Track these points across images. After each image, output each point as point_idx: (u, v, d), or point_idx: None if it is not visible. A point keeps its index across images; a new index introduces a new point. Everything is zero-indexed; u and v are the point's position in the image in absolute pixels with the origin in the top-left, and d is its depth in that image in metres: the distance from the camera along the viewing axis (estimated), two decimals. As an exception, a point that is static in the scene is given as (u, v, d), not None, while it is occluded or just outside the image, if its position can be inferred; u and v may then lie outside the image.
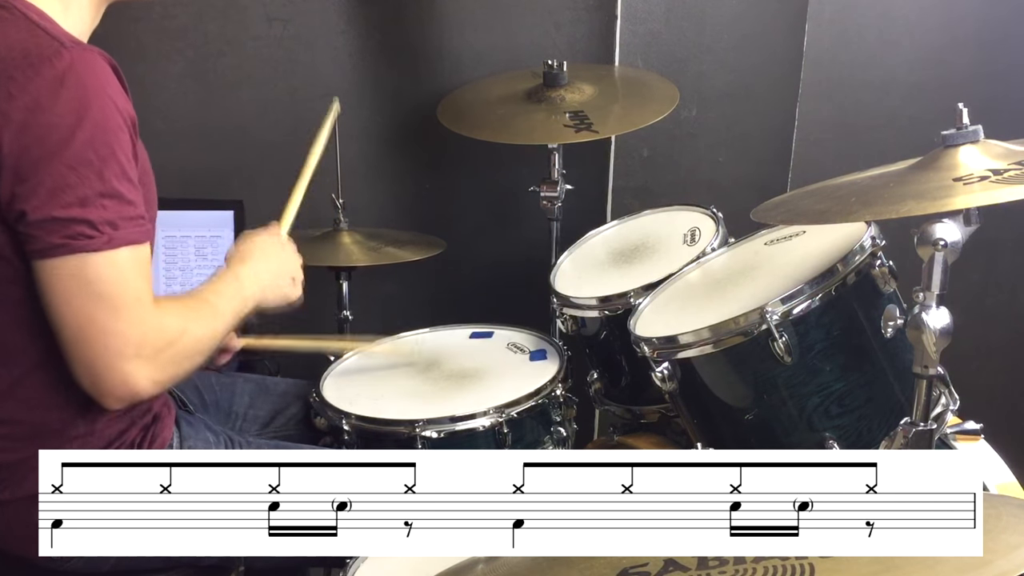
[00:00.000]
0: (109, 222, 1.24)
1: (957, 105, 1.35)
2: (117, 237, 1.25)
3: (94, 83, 1.25)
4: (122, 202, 1.26)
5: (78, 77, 1.23)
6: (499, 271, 2.53)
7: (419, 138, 2.46)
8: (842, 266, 1.52)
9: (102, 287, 1.25)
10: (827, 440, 1.53)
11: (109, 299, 1.25)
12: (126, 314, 1.26)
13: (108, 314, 1.25)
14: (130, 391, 1.29)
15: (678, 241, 1.94)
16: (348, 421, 1.71)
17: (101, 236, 1.24)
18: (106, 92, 1.26)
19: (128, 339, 1.26)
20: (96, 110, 1.24)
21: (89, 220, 1.23)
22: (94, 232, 1.23)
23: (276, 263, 1.60)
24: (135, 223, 1.28)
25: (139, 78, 2.33)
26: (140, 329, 1.28)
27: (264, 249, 1.60)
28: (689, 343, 1.57)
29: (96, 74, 1.26)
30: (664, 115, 2.11)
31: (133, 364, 1.27)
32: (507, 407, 1.71)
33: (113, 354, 1.26)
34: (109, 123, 1.25)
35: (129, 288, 1.27)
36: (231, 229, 2.30)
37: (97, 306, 1.25)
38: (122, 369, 1.27)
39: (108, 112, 1.25)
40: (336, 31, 2.36)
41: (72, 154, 1.22)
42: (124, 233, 1.26)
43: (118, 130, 1.26)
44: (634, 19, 2.37)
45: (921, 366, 1.34)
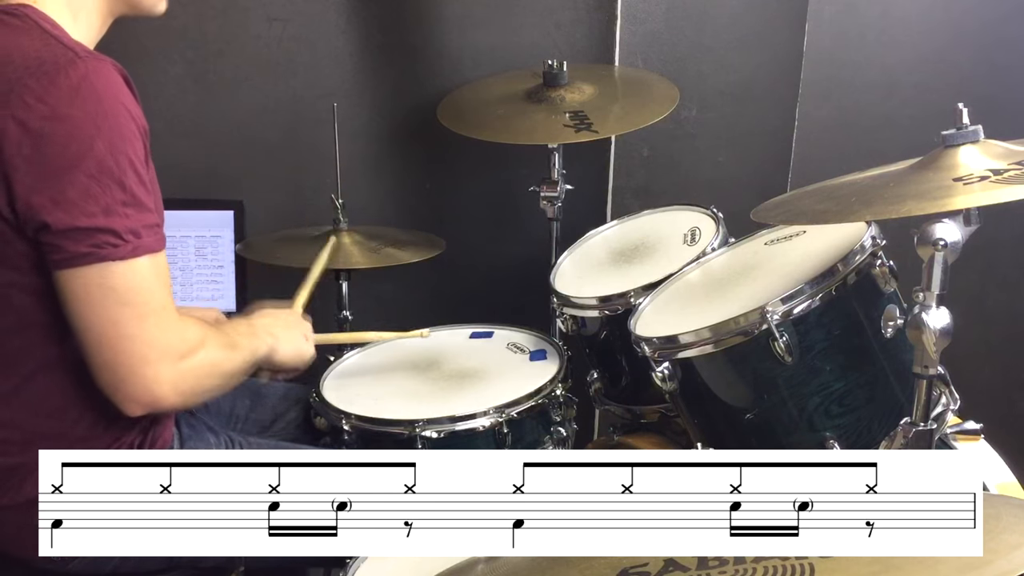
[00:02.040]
0: (132, 230, 1.26)
1: (957, 105, 1.35)
2: (141, 245, 1.27)
3: (109, 92, 1.26)
4: (142, 210, 1.29)
5: (92, 87, 1.25)
6: (499, 271, 2.53)
7: (419, 138, 2.46)
8: (842, 266, 1.52)
9: (127, 295, 1.26)
10: (827, 440, 1.53)
11: (134, 306, 1.27)
12: (151, 320, 1.28)
13: (133, 320, 1.27)
14: (153, 397, 1.30)
15: (678, 241, 1.94)
16: (348, 421, 1.71)
17: (126, 244, 1.26)
18: (120, 101, 1.27)
19: (153, 344, 1.28)
20: (112, 119, 1.25)
21: (114, 229, 1.25)
22: (119, 241, 1.25)
23: (289, 323, 1.64)
24: (154, 231, 1.31)
25: (139, 78, 2.29)
26: (164, 335, 1.30)
27: (275, 313, 1.64)
28: (689, 343, 1.57)
29: (109, 83, 1.27)
30: (664, 115, 2.12)
31: (156, 369, 1.29)
32: (507, 407, 1.71)
33: (137, 359, 1.28)
34: (125, 131, 1.27)
35: (154, 295, 1.29)
36: (231, 229, 2.31)
37: (122, 313, 1.26)
38: (145, 374, 1.28)
39: (123, 120, 1.27)
40: (336, 31, 2.35)
41: (93, 163, 1.23)
42: (146, 241, 1.28)
43: (133, 138, 1.28)
44: (634, 19, 2.37)
45: (921, 366, 1.34)
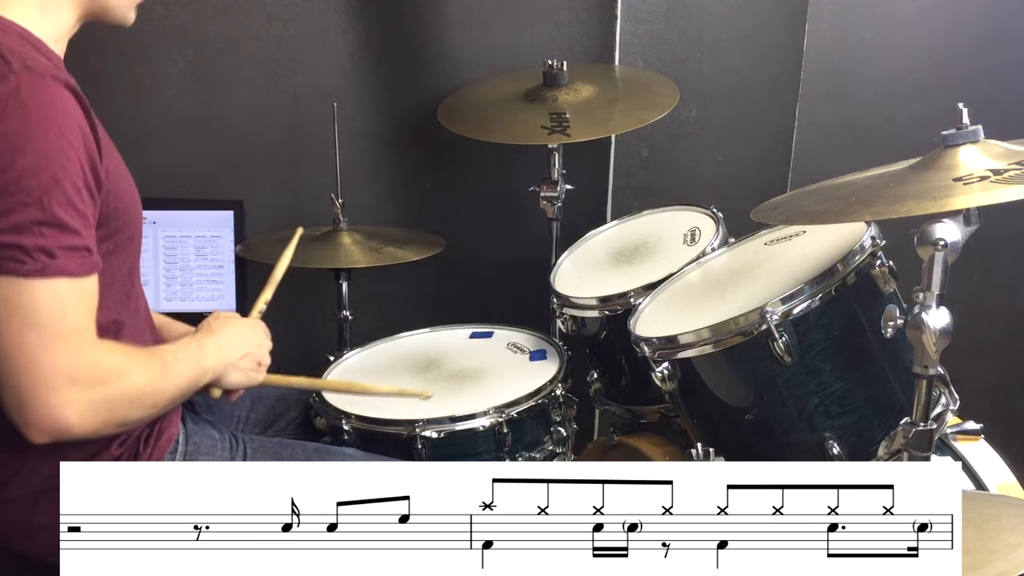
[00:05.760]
0: (44, 250, 1.21)
1: (957, 105, 1.35)
2: (52, 266, 1.21)
3: (39, 110, 1.22)
4: (64, 231, 1.22)
5: (22, 103, 1.21)
6: (499, 271, 2.53)
7: (419, 138, 2.46)
8: (842, 266, 1.52)
9: (35, 316, 1.21)
10: (827, 440, 1.53)
11: (42, 328, 1.21)
12: (60, 345, 1.22)
13: (39, 343, 1.21)
14: (56, 425, 1.23)
15: (678, 241, 1.94)
16: (348, 421, 1.71)
17: (34, 263, 1.20)
18: (53, 120, 1.23)
19: (58, 370, 1.22)
20: (39, 138, 1.21)
21: (22, 246, 1.19)
22: (26, 258, 1.19)
23: (243, 342, 1.54)
24: (77, 254, 1.24)
25: (139, 78, 2.34)
26: (74, 362, 1.23)
27: (235, 328, 1.55)
28: (689, 343, 1.57)
29: (42, 101, 1.23)
30: (664, 115, 2.12)
31: (62, 397, 1.22)
32: (507, 407, 1.71)
33: (41, 385, 1.21)
34: (53, 151, 1.21)
35: (66, 319, 1.22)
36: (231, 229, 2.31)
37: (28, 334, 1.20)
38: (49, 401, 1.21)
39: (52, 140, 1.22)
40: (336, 31, 2.35)
41: (10, 180, 1.19)
42: (61, 263, 1.22)
43: (64, 159, 1.22)
44: (634, 19, 2.37)
45: (921, 366, 1.34)
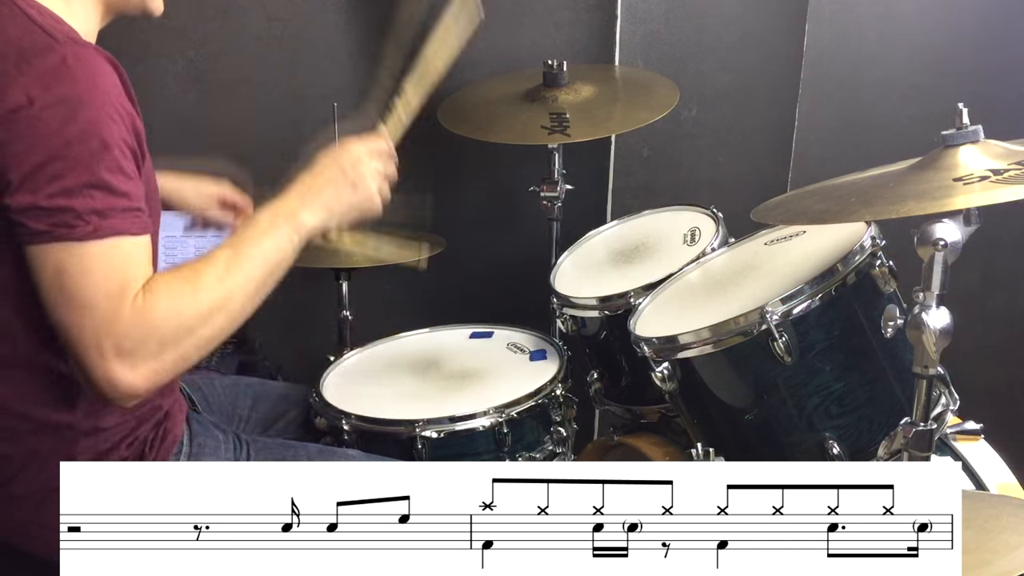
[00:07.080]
0: (96, 211, 1.21)
1: (957, 105, 1.35)
2: (104, 226, 1.21)
3: (86, 78, 1.23)
4: (113, 194, 1.23)
5: (69, 71, 1.22)
6: (499, 271, 2.53)
7: (419, 138, 2.45)
8: (842, 266, 1.52)
9: (84, 278, 1.20)
10: (827, 440, 1.53)
11: (85, 294, 1.20)
12: (101, 310, 1.20)
13: (83, 310, 1.20)
14: (120, 391, 1.22)
15: (678, 241, 1.94)
16: (348, 421, 1.71)
17: (86, 225, 1.20)
18: (99, 87, 1.24)
19: (106, 334, 1.20)
20: (87, 105, 1.22)
21: (74, 209, 1.20)
22: (78, 221, 1.20)
23: (342, 175, 1.53)
24: (130, 214, 1.24)
25: (139, 78, 2.30)
26: (118, 324, 1.21)
27: (337, 159, 1.54)
28: (689, 343, 1.57)
29: (89, 70, 1.24)
30: (664, 115, 2.12)
31: (116, 363, 1.21)
32: (507, 407, 1.71)
33: (94, 352, 1.20)
34: (101, 117, 1.23)
35: (113, 279, 1.21)
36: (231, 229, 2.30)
37: (73, 301, 1.20)
38: (105, 368, 1.21)
39: (99, 106, 1.23)
40: (336, 31, 2.35)
41: (60, 146, 1.20)
42: (113, 222, 1.22)
43: (111, 124, 1.24)
44: (634, 19, 2.37)
45: (921, 366, 1.34)
